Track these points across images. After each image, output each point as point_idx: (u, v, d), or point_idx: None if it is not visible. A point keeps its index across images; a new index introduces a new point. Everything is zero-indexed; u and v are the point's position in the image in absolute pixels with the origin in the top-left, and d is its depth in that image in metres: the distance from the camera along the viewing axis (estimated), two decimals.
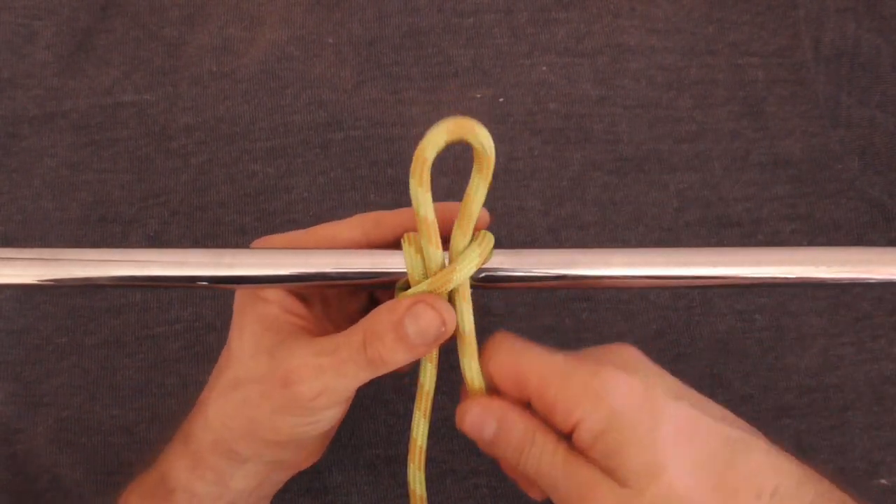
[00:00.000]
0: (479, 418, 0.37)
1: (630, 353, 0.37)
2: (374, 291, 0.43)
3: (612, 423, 0.33)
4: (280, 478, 0.44)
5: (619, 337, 0.51)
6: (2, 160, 0.56)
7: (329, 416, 0.38)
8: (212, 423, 0.39)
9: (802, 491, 0.33)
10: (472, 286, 0.39)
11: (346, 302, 0.43)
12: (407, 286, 0.38)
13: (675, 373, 0.50)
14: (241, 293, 0.40)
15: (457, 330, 0.38)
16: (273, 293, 0.39)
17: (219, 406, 0.39)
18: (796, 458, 0.35)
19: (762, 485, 0.33)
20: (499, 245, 0.39)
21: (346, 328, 0.37)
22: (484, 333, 0.51)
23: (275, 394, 0.36)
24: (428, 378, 0.40)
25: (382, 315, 0.36)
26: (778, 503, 0.33)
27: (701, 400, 0.36)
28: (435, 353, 0.40)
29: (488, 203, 0.54)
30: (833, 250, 0.38)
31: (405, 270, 0.38)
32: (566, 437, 0.36)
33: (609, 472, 0.34)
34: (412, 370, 0.41)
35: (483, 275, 0.39)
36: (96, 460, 0.50)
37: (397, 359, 0.36)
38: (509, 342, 0.38)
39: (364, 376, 0.37)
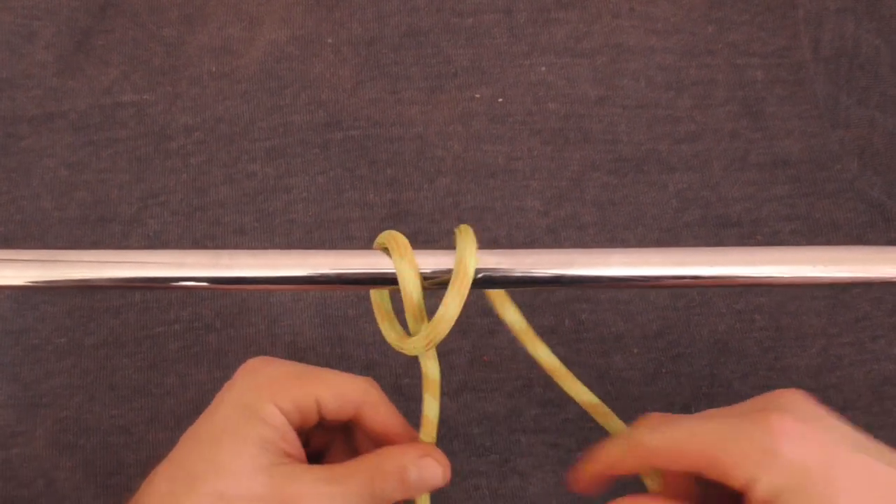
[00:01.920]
0: None
1: (799, 398, 0.36)
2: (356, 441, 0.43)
3: (791, 481, 0.32)
4: None
5: (619, 338, 0.51)
6: (1, 160, 0.56)
7: None
8: None
9: None
10: (470, 286, 0.39)
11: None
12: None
13: (675, 373, 0.51)
14: (239, 409, 0.38)
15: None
16: (276, 417, 0.38)
17: None
18: None
19: None
20: (497, 245, 0.40)
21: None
22: (485, 334, 0.51)
23: None
24: (431, 369, 0.40)
25: (392, 456, 0.38)
26: None
27: (879, 448, 0.34)
28: (433, 353, 0.40)
29: (486, 203, 0.54)
30: (831, 249, 0.38)
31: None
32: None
33: None
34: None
35: (481, 275, 0.39)
36: (95, 461, 0.50)
37: (396, 497, 0.38)
38: (659, 420, 0.38)
39: None
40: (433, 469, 0.38)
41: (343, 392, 0.39)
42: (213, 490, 0.36)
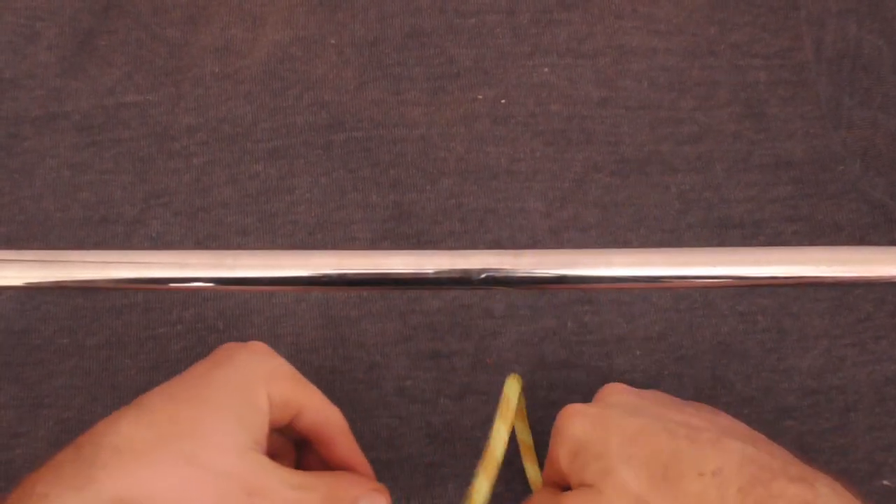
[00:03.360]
0: None
1: (609, 389, 0.43)
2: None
3: (577, 449, 0.39)
4: None
5: (621, 340, 0.51)
6: (3, 161, 0.56)
7: None
8: (137, 489, 0.34)
9: (744, 470, 0.36)
10: (472, 287, 0.39)
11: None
12: None
13: (677, 375, 0.51)
14: (234, 383, 0.38)
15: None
16: (265, 406, 0.38)
17: (158, 475, 0.35)
18: (747, 443, 0.38)
19: (705, 465, 0.36)
20: (500, 247, 0.40)
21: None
22: (486, 336, 0.51)
23: (233, 496, 0.36)
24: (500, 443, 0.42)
25: (350, 483, 0.40)
26: (720, 481, 0.35)
27: (662, 411, 0.40)
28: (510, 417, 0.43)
29: (489, 205, 0.54)
30: (834, 250, 0.39)
31: (404, 270, 0.38)
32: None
33: (581, 485, 0.39)
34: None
35: (484, 275, 0.39)
36: None
37: None
38: None
39: None
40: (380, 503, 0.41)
41: (325, 410, 0.41)
42: (186, 451, 0.35)
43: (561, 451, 0.39)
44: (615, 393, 0.42)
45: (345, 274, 0.39)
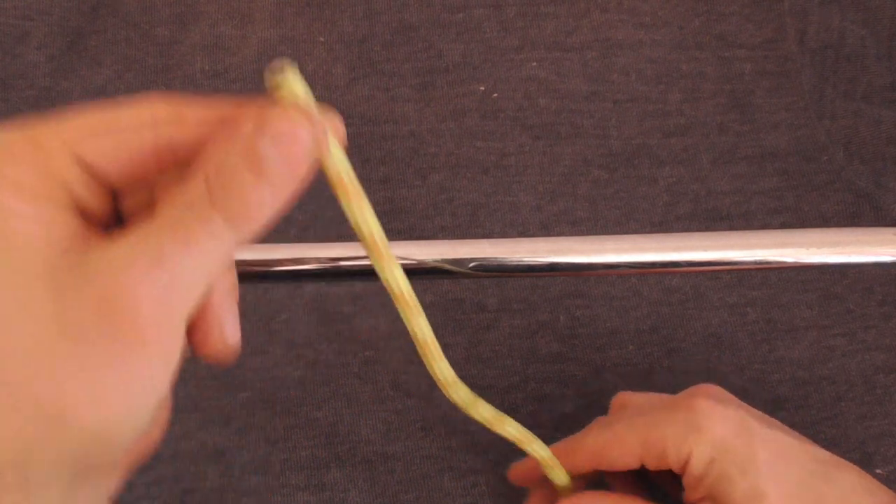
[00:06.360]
0: None
1: (715, 388, 0.39)
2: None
3: (717, 452, 0.36)
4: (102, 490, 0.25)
5: (614, 333, 0.52)
6: None
7: (175, 359, 0.24)
8: None
9: None
10: (465, 276, 0.39)
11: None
12: None
13: (671, 368, 0.51)
14: None
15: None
16: (25, 208, 0.22)
17: None
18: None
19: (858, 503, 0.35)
20: None
21: None
22: (479, 330, 0.51)
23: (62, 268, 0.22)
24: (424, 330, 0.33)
25: (228, 142, 0.23)
26: None
27: (783, 426, 0.38)
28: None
29: (479, 199, 0.54)
30: (825, 232, 0.39)
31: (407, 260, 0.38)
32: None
33: (715, 500, 0.36)
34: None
35: (474, 264, 0.39)
36: None
37: (265, 208, 0.23)
38: (598, 426, 0.40)
39: (224, 248, 0.23)
40: (298, 126, 0.23)
41: (106, 131, 0.24)
42: None
43: (700, 449, 0.35)
44: (729, 397, 0.39)
45: (337, 266, 0.39)
